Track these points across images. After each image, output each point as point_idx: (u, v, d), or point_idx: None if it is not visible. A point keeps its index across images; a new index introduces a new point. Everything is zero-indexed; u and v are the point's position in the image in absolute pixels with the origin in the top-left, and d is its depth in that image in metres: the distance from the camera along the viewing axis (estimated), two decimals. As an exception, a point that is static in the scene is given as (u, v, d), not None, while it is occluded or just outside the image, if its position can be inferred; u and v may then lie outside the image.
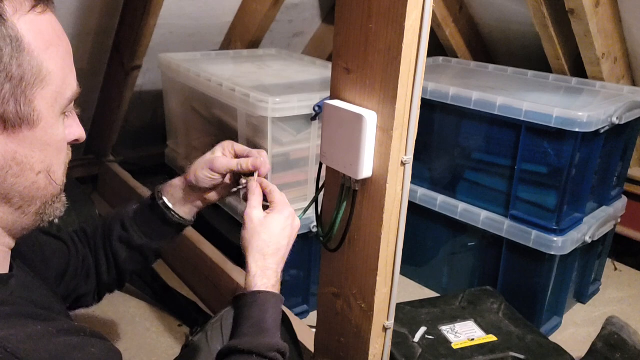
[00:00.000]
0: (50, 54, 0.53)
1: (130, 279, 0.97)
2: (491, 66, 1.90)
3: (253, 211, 0.80)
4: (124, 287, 0.99)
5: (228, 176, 0.91)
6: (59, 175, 0.59)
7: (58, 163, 0.58)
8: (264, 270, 0.77)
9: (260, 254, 0.78)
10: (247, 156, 0.88)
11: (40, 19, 0.53)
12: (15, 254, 0.63)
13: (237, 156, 0.89)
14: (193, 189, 0.90)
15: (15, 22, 0.50)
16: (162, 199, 0.91)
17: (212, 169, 0.87)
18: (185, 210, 0.92)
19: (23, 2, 0.52)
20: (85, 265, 0.90)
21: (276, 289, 0.77)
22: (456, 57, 2.18)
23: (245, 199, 0.83)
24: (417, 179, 1.63)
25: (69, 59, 0.57)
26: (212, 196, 0.92)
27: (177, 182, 0.92)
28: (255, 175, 0.86)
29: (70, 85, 0.57)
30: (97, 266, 0.91)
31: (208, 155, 0.90)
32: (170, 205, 0.91)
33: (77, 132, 0.62)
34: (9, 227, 0.57)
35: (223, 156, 0.89)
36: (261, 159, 0.86)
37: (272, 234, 0.79)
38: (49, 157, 0.56)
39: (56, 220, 0.61)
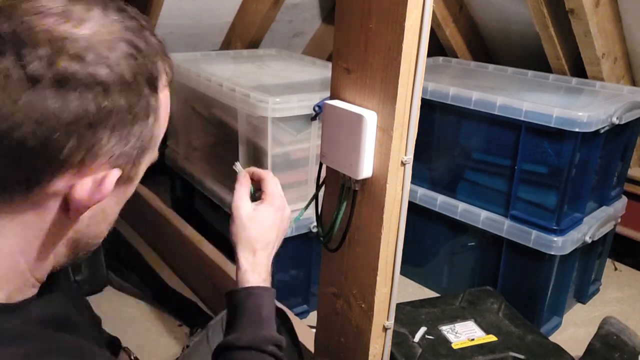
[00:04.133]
0: (165, 124, 0.55)
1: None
2: (491, 66, 1.90)
3: (240, 203, 0.78)
4: None
5: None
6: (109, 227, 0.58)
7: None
8: (254, 265, 0.76)
9: (250, 250, 0.76)
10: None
11: (167, 92, 0.54)
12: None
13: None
14: None
15: (159, 94, 0.52)
16: None
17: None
18: None
19: (166, 76, 0.53)
20: None
21: (267, 283, 0.76)
22: (456, 57, 2.18)
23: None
24: (417, 179, 1.63)
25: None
26: None
27: None
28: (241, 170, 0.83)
29: (158, 148, 0.57)
30: None
31: None
32: None
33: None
34: (53, 266, 0.54)
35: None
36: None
37: (261, 229, 0.77)
38: (118, 211, 0.56)
39: None
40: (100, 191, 0.48)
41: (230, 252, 1.60)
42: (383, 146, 0.78)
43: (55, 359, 0.47)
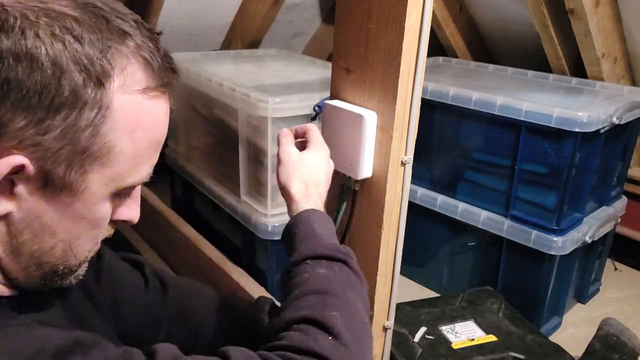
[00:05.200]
0: (133, 137, 0.49)
1: None
2: (491, 66, 1.89)
3: (288, 148, 0.78)
4: None
5: None
6: (83, 249, 0.53)
7: (87, 237, 0.53)
8: (308, 196, 0.74)
9: (303, 183, 0.75)
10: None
11: (146, 103, 0.50)
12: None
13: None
14: None
15: (113, 94, 0.47)
16: None
17: None
18: None
19: (138, 82, 0.49)
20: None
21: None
22: (456, 57, 2.18)
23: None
24: (417, 179, 1.63)
25: (152, 150, 0.52)
26: None
27: None
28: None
29: (138, 174, 0.52)
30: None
31: None
32: None
33: (132, 214, 0.57)
34: (20, 280, 0.52)
35: None
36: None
37: (312, 168, 0.76)
38: (77, 230, 0.51)
39: None
40: None
41: (231, 252, 1.59)
42: (383, 146, 0.79)
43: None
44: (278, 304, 0.88)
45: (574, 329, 1.60)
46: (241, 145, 1.50)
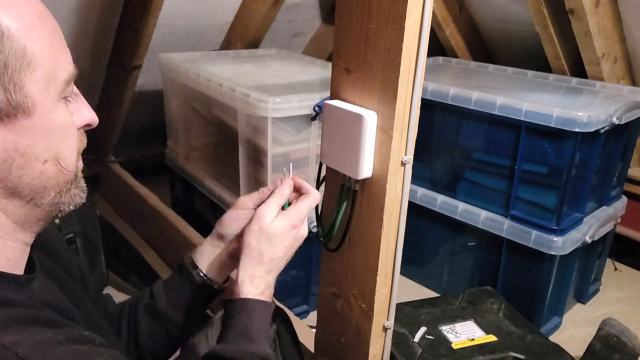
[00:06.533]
0: (33, 37, 0.51)
1: None
2: (491, 66, 1.90)
3: (267, 212, 0.76)
4: None
5: None
6: (70, 161, 0.56)
7: (66, 149, 0.55)
8: (252, 278, 0.74)
9: (252, 261, 0.75)
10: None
11: (17, 1, 0.51)
12: (43, 249, 0.62)
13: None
14: (220, 239, 0.86)
15: None
16: (191, 257, 0.86)
17: (237, 207, 0.85)
18: (212, 270, 0.86)
19: None
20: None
21: (265, 297, 0.75)
22: (456, 57, 2.18)
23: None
24: (417, 179, 1.63)
25: (57, 40, 0.54)
26: (235, 244, 0.86)
27: (207, 239, 0.88)
28: (290, 174, 0.82)
29: (63, 67, 0.54)
30: (117, 336, 0.83)
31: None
32: (197, 263, 0.85)
33: (88, 116, 0.59)
34: (22, 221, 0.55)
35: (246, 195, 0.86)
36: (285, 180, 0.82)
37: (270, 243, 0.76)
38: (53, 144, 0.54)
39: (57, 221, 0.60)
40: None
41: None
42: (383, 146, 0.78)
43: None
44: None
45: (574, 329, 1.60)
46: (241, 145, 1.50)
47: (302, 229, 0.80)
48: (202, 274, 0.85)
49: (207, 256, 0.86)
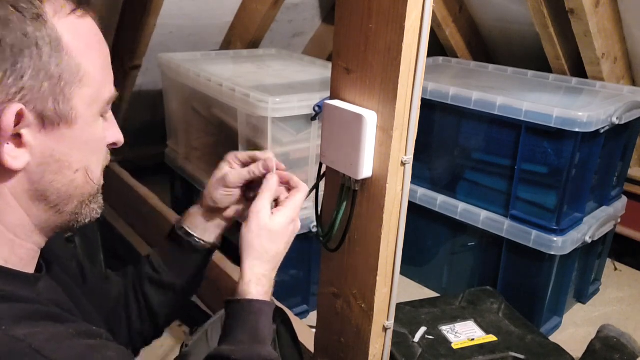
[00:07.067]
0: (89, 57, 0.55)
1: (167, 325, 0.91)
2: (491, 66, 1.90)
3: (261, 209, 0.77)
4: (161, 334, 0.91)
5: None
6: (97, 175, 0.60)
7: (96, 163, 0.59)
8: (259, 277, 0.75)
9: (258, 260, 0.76)
10: (254, 161, 0.86)
11: (79, 22, 0.55)
12: (49, 253, 0.63)
13: (243, 165, 0.87)
14: (212, 211, 0.88)
15: (55, 23, 0.52)
16: (182, 227, 0.88)
17: (226, 186, 0.85)
18: (208, 235, 0.89)
19: (64, 5, 0.54)
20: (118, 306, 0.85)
21: (268, 297, 0.76)
22: (456, 57, 2.18)
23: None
24: (417, 179, 1.63)
25: (107, 64, 0.59)
26: (232, 212, 0.89)
27: (194, 209, 0.89)
28: (274, 169, 0.83)
29: (107, 88, 0.58)
30: (126, 311, 0.85)
31: (217, 174, 0.87)
32: (191, 231, 0.87)
33: (116, 136, 0.63)
34: (42, 225, 0.58)
35: (233, 169, 0.87)
36: (269, 158, 0.84)
37: (273, 240, 0.77)
38: (87, 156, 0.57)
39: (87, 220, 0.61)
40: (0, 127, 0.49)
41: (231, 252, 1.59)
42: (383, 146, 0.78)
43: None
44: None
45: (574, 329, 1.60)
46: (241, 146, 1.50)
47: (298, 222, 0.82)
48: (201, 241, 0.88)
49: (200, 224, 0.88)
